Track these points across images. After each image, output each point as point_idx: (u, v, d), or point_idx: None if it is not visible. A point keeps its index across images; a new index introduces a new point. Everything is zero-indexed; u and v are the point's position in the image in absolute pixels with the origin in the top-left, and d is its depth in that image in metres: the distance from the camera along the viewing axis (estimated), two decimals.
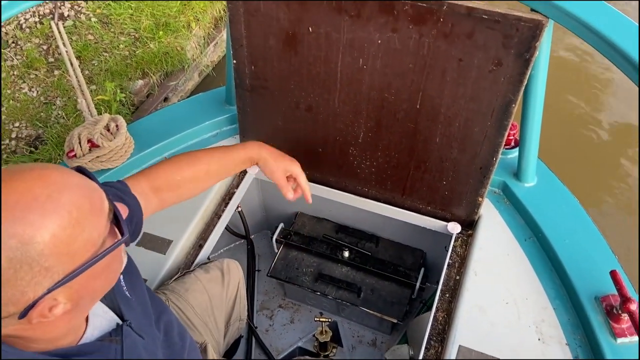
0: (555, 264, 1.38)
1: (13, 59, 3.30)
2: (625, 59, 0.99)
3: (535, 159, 1.49)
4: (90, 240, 0.66)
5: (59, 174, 0.65)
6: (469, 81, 1.24)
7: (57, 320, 0.68)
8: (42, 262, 0.60)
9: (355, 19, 1.24)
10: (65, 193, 0.63)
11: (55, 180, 0.63)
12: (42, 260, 0.60)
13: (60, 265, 0.63)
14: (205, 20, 3.63)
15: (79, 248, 0.64)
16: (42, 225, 0.60)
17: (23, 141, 2.94)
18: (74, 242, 0.63)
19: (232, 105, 1.80)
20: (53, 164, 0.68)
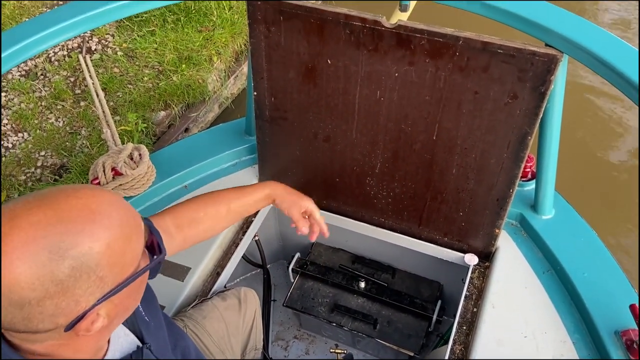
0: (574, 298, 1.36)
1: (41, 90, 3.43)
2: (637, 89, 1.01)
3: (552, 191, 1.49)
4: (135, 255, 0.71)
5: (108, 193, 0.71)
6: (485, 113, 1.26)
7: (90, 338, 0.71)
8: (98, 271, 0.65)
9: (373, 52, 1.28)
10: (116, 210, 0.69)
11: (106, 199, 0.69)
12: (98, 270, 0.65)
13: (112, 276, 0.67)
14: (226, 54, 3.73)
15: (127, 261, 0.69)
16: (100, 237, 0.65)
17: (48, 169, 3.02)
18: (124, 254, 0.68)
19: (252, 135, 1.84)
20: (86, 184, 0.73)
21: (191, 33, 3.74)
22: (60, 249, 0.61)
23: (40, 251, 0.60)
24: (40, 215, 0.62)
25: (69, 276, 0.62)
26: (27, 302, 0.61)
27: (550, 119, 1.30)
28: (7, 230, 0.61)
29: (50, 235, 0.61)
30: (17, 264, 0.59)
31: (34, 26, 1.28)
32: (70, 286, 0.62)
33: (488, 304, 1.39)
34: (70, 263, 0.62)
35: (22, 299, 0.60)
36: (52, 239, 0.61)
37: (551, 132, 1.33)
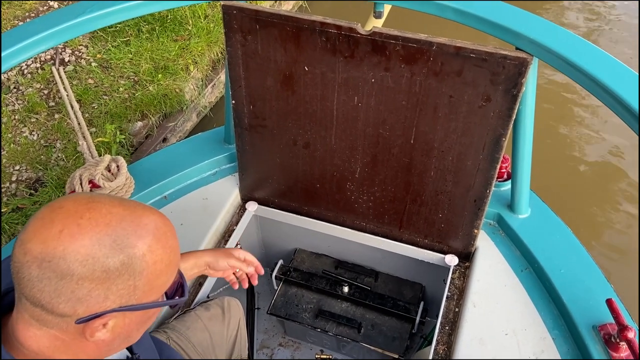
0: (552, 294, 1.39)
1: (14, 103, 3.37)
2: (603, 89, 1.04)
3: (528, 191, 1.52)
4: (164, 285, 0.74)
5: (170, 223, 0.76)
6: (460, 116, 1.29)
7: (86, 346, 0.72)
8: (136, 279, 0.69)
9: (349, 59, 1.30)
10: (173, 238, 0.75)
11: (170, 226, 0.75)
12: (138, 278, 0.69)
13: (141, 292, 0.70)
14: (203, 63, 3.72)
15: (157, 286, 0.72)
16: (154, 251, 0.70)
17: (23, 184, 2.97)
18: (159, 279, 0.72)
19: (231, 144, 1.84)
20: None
21: (167, 42, 3.72)
22: (122, 243, 0.67)
23: (107, 237, 0.66)
24: (120, 209, 0.69)
25: (116, 269, 0.66)
26: (70, 275, 0.64)
27: (523, 120, 1.33)
28: (89, 206, 0.67)
29: (120, 229, 0.67)
30: (83, 237, 0.64)
31: (7, 40, 1.26)
32: (111, 279, 0.66)
33: (469, 303, 1.42)
34: (123, 259, 0.67)
35: (68, 269, 0.64)
36: (120, 232, 0.67)
37: (524, 133, 1.36)
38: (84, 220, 0.66)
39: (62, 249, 0.64)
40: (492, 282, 1.46)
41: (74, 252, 0.64)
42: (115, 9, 1.34)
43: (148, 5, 1.38)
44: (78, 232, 0.65)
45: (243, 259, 1.29)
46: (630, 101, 0.99)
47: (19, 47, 1.26)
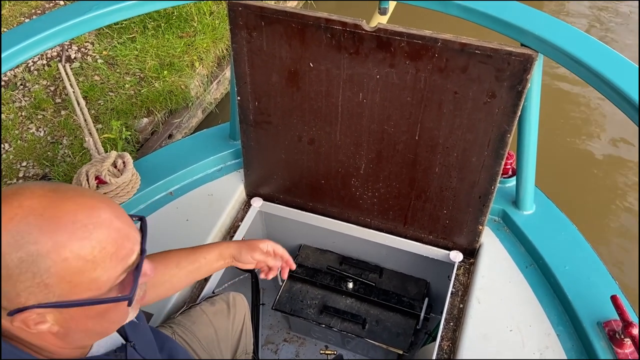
0: (557, 291, 1.39)
1: (21, 100, 3.39)
2: (608, 85, 1.04)
3: (533, 187, 1.52)
4: (95, 282, 0.68)
5: (108, 214, 0.69)
6: (465, 112, 1.29)
7: (46, 335, 0.71)
8: (44, 277, 0.64)
9: (354, 55, 1.30)
10: (100, 231, 0.68)
11: (99, 217, 0.68)
12: (45, 276, 0.64)
13: (58, 290, 0.66)
14: (208, 60, 3.73)
15: (82, 283, 0.67)
16: (63, 247, 0.65)
17: (30, 180, 2.99)
18: (80, 275, 0.66)
19: (237, 140, 1.85)
20: (110, 200, 0.73)
21: (172, 39, 3.73)
22: (22, 240, 0.63)
23: (6, 232, 0.63)
24: (35, 201, 0.65)
25: (15, 267, 0.63)
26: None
27: (528, 116, 1.33)
28: (6, 199, 0.65)
29: (24, 224, 0.63)
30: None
31: (13, 37, 1.27)
32: (13, 276, 0.63)
33: (474, 299, 1.42)
34: (22, 256, 0.63)
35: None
36: (23, 228, 0.63)
37: (529, 129, 1.36)
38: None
39: None
40: (496, 279, 1.46)
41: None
42: (120, 6, 1.34)
43: (153, 3, 1.39)
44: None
45: (271, 251, 1.25)
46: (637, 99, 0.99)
47: (25, 45, 1.27)
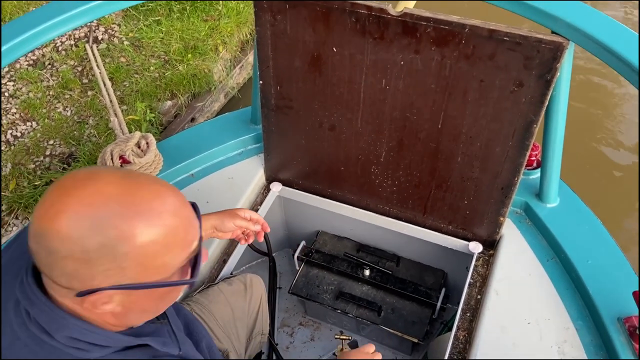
0: (578, 285, 1.37)
1: (49, 79, 3.45)
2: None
3: (558, 180, 1.49)
4: (165, 266, 0.72)
5: (176, 201, 0.73)
6: (491, 101, 1.26)
7: (106, 315, 0.74)
8: (122, 261, 0.67)
9: (379, 40, 1.28)
10: (172, 218, 0.71)
11: (170, 204, 0.72)
12: (122, 260, 0.67)
13: (132, 273, 0.69)
14: (232, 44, 3.74)
15: (154, 267, 0.71)
16: (141, 233, 0.68)
17: (57, 158, 3.05)
18: (153, 260, 0.70)
19: (258, 124, 1.85)
20: (175, 188, 0.76)
21: (197, 22, 3.74)
22: (103, 225, 0.65)
23: (88, 218, 0.65)
24: (112, 188, 0.67)
25: (95, 250, 0.65)
26: (55, 252, 0.65)
27: (556, 107, 1.30)
28: (82, 183, 0.67)
29: (104, 210, 0.66)
30: (66, 216, 0.65)
31: (41, 15, 1.29)
32: (93, 260, 0.66)
33: (492, 291, 1.40)
34: (102, 241, 0.65)
35: (53, 247, 0.65)
36: (102, 213, 0.66)
37: (557, 120, 1.33)
38: (70, 199, 0.66)
39: (48, 227, 0.65)
40: (516, 271, 1.44)
41: (56, 230, 0.65)
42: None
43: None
44: (62, 211, 0.65)
45: (249, 218, 1.28)
46: None
47: (53, 23, 1.28)
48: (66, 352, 0.71)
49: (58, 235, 0.65)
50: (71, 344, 0.71)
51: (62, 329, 0.71)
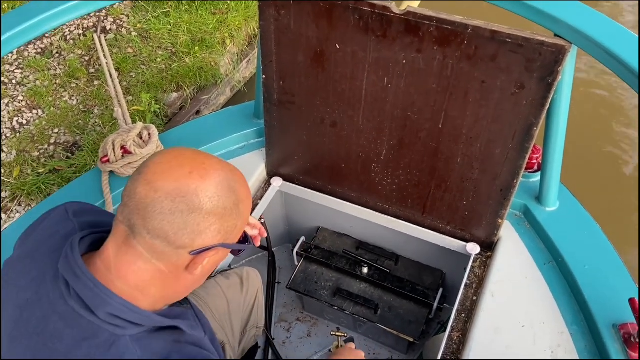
0: (574, 290, 1.37)
1: (56, 68, 3.46)
2: None
3: (558, 183, 1.48)
4: (240, 231, 0.83)
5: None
6: (492, 103, 1.26)
7: (179, 284, 0.80)
8: (238, 220, 0.79)
9: (382, 38, 1.28)
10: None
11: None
12: (238, 219, 0.79)
13: (237, 232, 0.81)
14: (239, 38, 3.73)
15: (240, 230, 0.83)
16: (248, 199, 0.83)
17: (61, 147, 3.07)
18: (245, 222, 0.83)
19: (260, 119, 1.85)
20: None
21: (205, 15, 3.74)
22: (233, 188, 0.78)
23: (225, 180, 0.77)
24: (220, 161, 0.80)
25: (230, 209, 0.77)
26: (199, 209, 0.73)
27: (557, 110, 1.29)
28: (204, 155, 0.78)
29: (230, 176, 0.78)
30: (210, 178, 0.75)
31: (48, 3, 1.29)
32: (226, 216, 0.76)
33: (488, 292, 1.40)
34: (235, 201, 0.78)
35: (199, 204, 0.73)
36: (231, 179, 0.78)
37: (558, 123, 1.32)
38: (206, 166, 0.75)
39: (195, 187, 0.73)
40: (513, 273, 1.44)
41: (205, 190, 0.73)
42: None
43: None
44: (206, 174, 0.74)
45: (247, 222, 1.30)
46: None
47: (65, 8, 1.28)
48: (103, 327, 0.74)
49: (207, 192, 0.73)
50: (109, 320, 0.74)
51: (104, 305, 0.73)
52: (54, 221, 0.87)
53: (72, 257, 0.75)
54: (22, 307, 0.78)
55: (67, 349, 0.73)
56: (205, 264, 0.78)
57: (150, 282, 0.77)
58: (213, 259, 0.80)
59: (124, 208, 0.75)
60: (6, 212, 2.77)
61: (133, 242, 0.74)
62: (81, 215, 0.91)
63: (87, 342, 0.73)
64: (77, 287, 0.74)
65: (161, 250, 0.74)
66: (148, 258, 0.75)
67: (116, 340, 0.74)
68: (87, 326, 0.74)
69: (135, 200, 0.73)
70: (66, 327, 0.74)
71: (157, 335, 0.79)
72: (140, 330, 0.77)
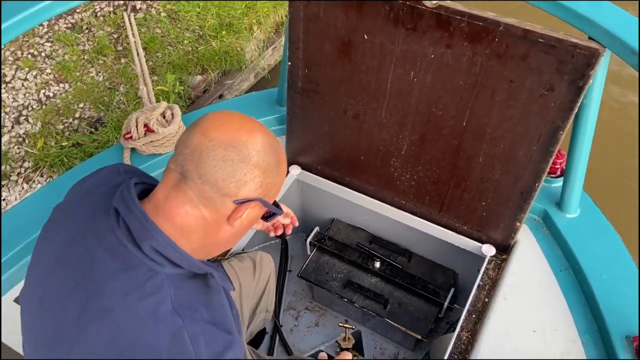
0: (589, 299, 1.35)
1: (85, 43, 3.51)
2: None
3: (580, 190, 1.46)
4: (276, 194, 0.90)
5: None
6: (519, 103, 1.24)
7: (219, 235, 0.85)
8: (277, 179, 0.86)
9: (411, 31, 1.27)
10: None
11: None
12: (277, 178, 0.86)
13: (274, 191, 0.87)
14: (267, 24, 3.73)
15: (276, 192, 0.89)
16: (285, 164, 0.89)
17: (85, 121, 3.11)
18: (280, 187, 0.89)
19: (283, 106, 1.85)
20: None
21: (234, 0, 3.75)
22: (275, 148, 0.85)
23: (269, 139, 0.84)
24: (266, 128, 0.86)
25: (272, 165, 0.83)
26: (248, 159, 0.80)
27: (586, 115, 1.26)
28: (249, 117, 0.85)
29: (272, 137, 0.85)
30: (258, 134, 0.82)
31: None
32: (268, 171, 0.82)
33: (500, 295, 1.39)
34: (278, 159, 0.85)
35: (248, 154, 0.80)
36: (272, 140, 0.85)
37: (585, 128, 1.29)
38: (253, 125, 0.83)
39: (245, 139, 0.80)
40: (527, 278, 1.42)
41: (254, 142, 0.80)
42: None
43: None
44: (253, 131, 0.81)
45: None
46: None
47: None
48: (143, 262, 0.78)
49: (255, 146, 0.80)
50: (151, 255, 0.78)
51: (149, 238, 0.78)
52: (106, 174, 0.94)
53: (128, 193, 0.81)
54: (68, 241, 0.83)
55: (103, 279, 0.77)
56: (243, 218, 0.83)
57: (194, 228, 0.81)
58: (251, 214, 0.84)
59: (177, 156, 0.81)
60: (28, 182, 2.82)
61: (184, 187, 0.80)
62: (131, 173, 0.96)
63: (125, 273, 0.77)
64: (128, 218, 0.79)
65: (209, 196, 0.79)
66: (196, 203, 0.80)
67: (153, 276, 0.78)
68: (129, 258, 0.78)
69: (190, 147, 0.79)
70: (109, 257, 0.78)
71: (191, 281, 0.84)
72: (177, 271, 0.81)
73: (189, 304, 0.79)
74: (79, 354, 0.75)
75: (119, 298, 0.76)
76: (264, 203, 0.85)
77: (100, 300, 0.76)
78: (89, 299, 0.76)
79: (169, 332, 0.74)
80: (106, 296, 0.76)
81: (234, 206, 0.81)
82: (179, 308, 0.77)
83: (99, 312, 0.75)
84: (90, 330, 0.75)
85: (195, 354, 0.74)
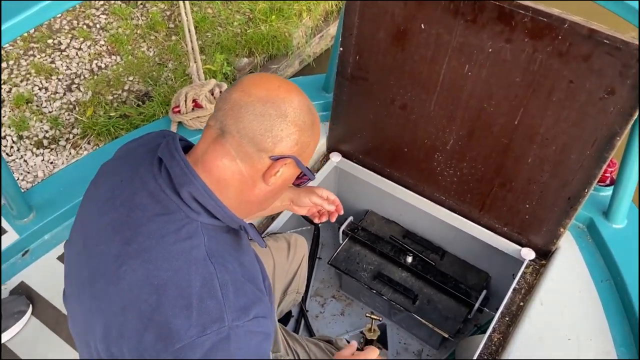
0: (629, 311, 1.31)
1: (139, 18, 3.59)
2: None
3: (629, 201, 1.41)
4: (309, 159, 0.91)
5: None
6: (576, 105, 1.20)
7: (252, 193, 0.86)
8: (312, 139, 0.87)
9: (471, 23, 1.24)
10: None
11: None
12: (312, 139, 0.88)
13: (309, 152, 0.89)
14: (316, 12, 3.73)
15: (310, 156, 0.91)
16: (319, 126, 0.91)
17: (133, 94, 3.19)
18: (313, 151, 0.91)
19: (329, 92, 1.85)
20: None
21: None
22: (311, 110, 0.87)
23: (305, 100, 0.86)
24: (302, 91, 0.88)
25: (308, 125, 0.85)
26: (285, 115, 0.82)
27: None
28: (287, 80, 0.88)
29: (309, 101, 0.87)
30: (295, 94, 0.84)
31: None
32: (303, 130, 0.84)
33: (537, 300, 1.36)
34: (313, 119, 0.87)
35: (285, 111, 0.82)
36: (309, 102, 0.87)
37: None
38: (290, 86, 0.85)
39: (283, 96, 0.82)
40: (566, 285, 1.39)
41: (291, 100, 0.83)
42: None
43: None
44: (291, 90, 0.84)
45: (326, 197, 1.33)
46: None
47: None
48: (181, 208, 0.81)
49: (292, 104, 0.82)
50: (188, 201, 0.81)
51: (188, 184, 0.81)
52: (151, 137, 0.97)
53: (172, 142, 0.85)
54: (113, 188, 0.87)
55: (142, 222, 0.80)
56: (278, 176, 0.85)
57: (230, 182, 0.84)
58: (285, 173, 0.86)
59: (216, 112, 0.84)
60: (75, 148, 2.91)
61: (222, 140, 0.82)
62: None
63: (163, 217, 0.80)
64: (170, 165, 0.82)
65: (246, 150, 0.82)
66: (233, 156, 0.82)
67: (189, 223, 0.81)
68: (167, 203, 0.81)
69: (230, 103, 0.82)
70: (150, 201, 0.82)
71: (225, 234, 0.86)
72: (212, 222, 0.83)
73: (222, 254, 0.81)
74: (115, 290, 0.79)
75: (156, 239, 0.79)
76: (298, 163, 0.86)
77: (139, 241, 0.79)
78: (129, 239, 0.80)
79: (200, 276, 0.77)
80: (145, 237, 0.79)
81: (270, 162, 0.83)
82: (212, 255, 0.79)
83: (136, 251, 0.79)
84: (126, 267, 0.78)
85: (224, 301, 0.76)
